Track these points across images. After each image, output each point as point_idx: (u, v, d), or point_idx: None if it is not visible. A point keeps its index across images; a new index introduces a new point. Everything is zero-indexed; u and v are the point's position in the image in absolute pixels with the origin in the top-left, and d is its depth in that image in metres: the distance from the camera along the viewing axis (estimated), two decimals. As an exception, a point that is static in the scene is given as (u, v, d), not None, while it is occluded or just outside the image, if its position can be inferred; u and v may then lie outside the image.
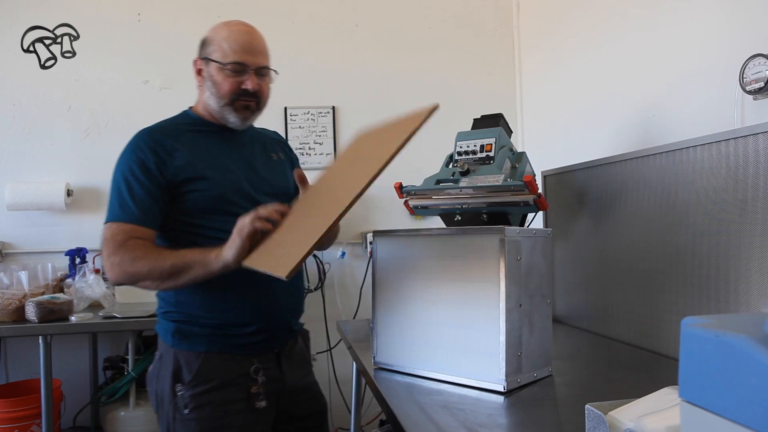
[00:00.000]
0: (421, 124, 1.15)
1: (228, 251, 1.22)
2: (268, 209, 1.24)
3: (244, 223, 1.21)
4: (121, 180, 1.33)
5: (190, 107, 1.50)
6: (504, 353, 1.24)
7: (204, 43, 1.44)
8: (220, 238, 1.30)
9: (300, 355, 1.52)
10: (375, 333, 1.50)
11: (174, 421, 1.34)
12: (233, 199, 1.37)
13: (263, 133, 1.61)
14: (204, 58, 1.42)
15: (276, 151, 1.56)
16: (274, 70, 1.46)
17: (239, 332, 1.37)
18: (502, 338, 1.24)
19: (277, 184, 1.49)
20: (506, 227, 1.26)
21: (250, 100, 1.41)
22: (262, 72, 1.42)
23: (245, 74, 1.38)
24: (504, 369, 1.24)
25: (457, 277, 1.33)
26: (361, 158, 1.29)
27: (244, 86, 1.38)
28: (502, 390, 1.24)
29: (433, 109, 1.16)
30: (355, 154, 1.38)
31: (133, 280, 1.29)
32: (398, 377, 1.41)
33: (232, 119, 1.42)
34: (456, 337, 1.32)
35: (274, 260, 1.15)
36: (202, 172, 1.36)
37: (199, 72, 1.44)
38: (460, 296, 1.32)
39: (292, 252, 1.11)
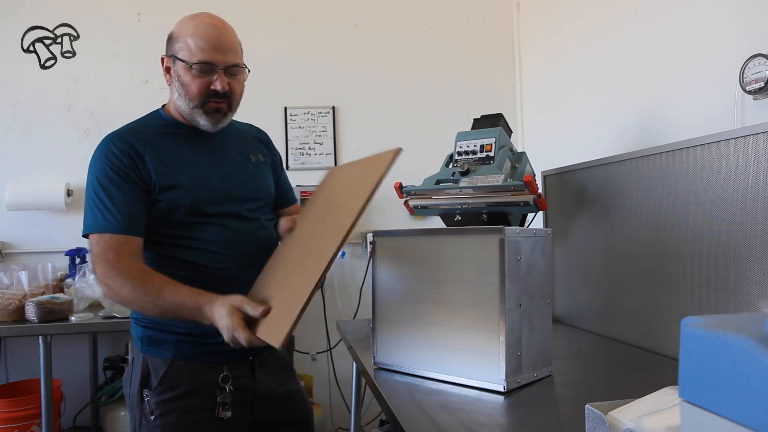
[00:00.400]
0: (386, 171, 1.16)
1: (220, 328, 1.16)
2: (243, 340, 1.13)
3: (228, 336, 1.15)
4: (98, 187, 1.26)
5: (163, 105, 1.42)
6: (504, 353, 1.24)
7: (170, 39, 1.34)
8: (195, 248, 1.28)
9: (279, 362, 1.46)
10: (375, 333, 1.50)
11: (140, 426, 1.30)
12: (208, 208, 1.31)
13: (243, 131, 1.51)
14: (171, 56, 1.33)
15: (255, 153, 1.47)
16: (247, 67, 1.36)
17: (208, 340, 1.29)
18: (502, 338, 1.24)
19: (255, 189, 1.42)
20: (506, 227, 1.26)
21: (221, 102, 1.32)
22: (233, 71, 1.32)
23: (214, 74, 1.29)
24: (504, 369, 1.24)
25: (457, 277, 1.33)
26: (334, 205, 1.27)
27: (213, 87, 1.29)
28: (502, 390, 1.24)
29: (397, 152, 1.16)
30: (328, 196, 1.34)
31: (123, 304, 1.28)
32: (398, 377, 1.41)
33: (203, 122, 1.33)
34: (456, 337, 1.32)
35: (266, 325, 1.14)
36: (174, 179, 1.29)
37: (167, 70, 1.35)
38: (460, 296, 1.32)
39: (283, 317, 1.10)
